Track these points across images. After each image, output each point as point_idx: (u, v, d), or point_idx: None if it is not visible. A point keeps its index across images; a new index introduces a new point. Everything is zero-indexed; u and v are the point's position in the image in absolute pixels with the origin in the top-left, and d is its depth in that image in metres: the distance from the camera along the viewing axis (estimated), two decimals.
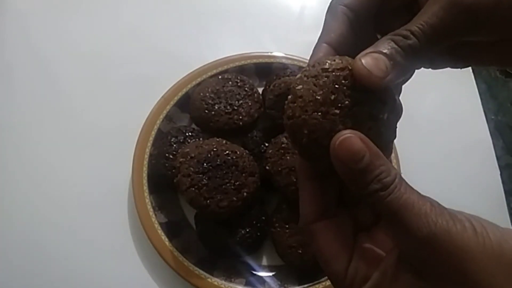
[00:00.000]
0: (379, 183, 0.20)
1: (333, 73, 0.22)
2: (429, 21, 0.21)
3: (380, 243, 0.24)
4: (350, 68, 0.22)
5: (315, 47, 0.25)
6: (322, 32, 0.25)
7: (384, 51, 0.21)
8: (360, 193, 0.21)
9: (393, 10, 0.25)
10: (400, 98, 0.27)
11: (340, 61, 0.22)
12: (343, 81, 0.22)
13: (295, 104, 0.22)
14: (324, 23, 0.25)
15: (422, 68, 0.26)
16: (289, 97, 0.22)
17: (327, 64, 0.22)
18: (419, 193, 0.21)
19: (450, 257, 0.19)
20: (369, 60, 0.21)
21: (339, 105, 0.21)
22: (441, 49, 0.23)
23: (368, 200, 0.21)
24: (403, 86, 0.28)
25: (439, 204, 0.20)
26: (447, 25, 0.21)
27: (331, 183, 0.24)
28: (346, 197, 0.25)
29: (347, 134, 0.20)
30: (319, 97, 0.21)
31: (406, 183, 0.21)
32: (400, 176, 0.21)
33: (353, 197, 0.25)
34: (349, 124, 0.21)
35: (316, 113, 0.21)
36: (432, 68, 0.26)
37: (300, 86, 0.22)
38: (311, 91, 0.22)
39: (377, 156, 0.21)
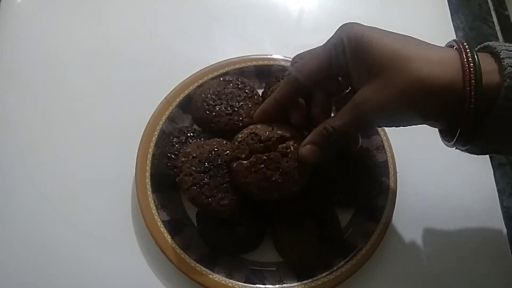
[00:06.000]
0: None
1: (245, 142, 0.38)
2: (345, 122, 0.34)
3: None
4: (252, 131, 0.38)
5: (267, 100, 0.39)
6: (276, 91, 0.38)
7: (316, 142, 0.36)
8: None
9: (333, 77, 0.37)
10: None
11: (242, 134, 0.39)
12: (251, 141, 0.37)
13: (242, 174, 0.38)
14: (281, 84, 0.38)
15: None
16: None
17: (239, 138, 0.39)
18: None
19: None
20: (306, 151, 0.36)
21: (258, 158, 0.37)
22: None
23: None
24: None
25: None
26: (355, 125, 0.34)
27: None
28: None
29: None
30: (245, 163, 0.38)
31: None
32: None
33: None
34: (272, 166, 0.37)
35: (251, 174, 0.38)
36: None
37: (235, 165, 0.38)
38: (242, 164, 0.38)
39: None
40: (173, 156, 0.44)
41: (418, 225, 0.46)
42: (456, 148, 0.34)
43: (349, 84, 0.37)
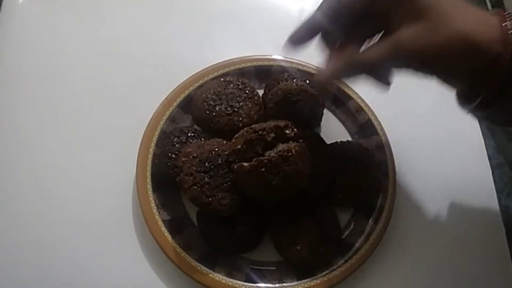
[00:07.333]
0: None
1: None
2: (381, 53, 0.34)
3: None
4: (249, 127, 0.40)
5: (304, 20, 0.39)
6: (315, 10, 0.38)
7: (344, 61, 0.36)
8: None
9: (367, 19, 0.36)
10: (397, 98, 0.33)
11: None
12: (246, 133, 0.39)
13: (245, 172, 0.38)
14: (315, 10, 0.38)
15: None
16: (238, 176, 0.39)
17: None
18: None
19: None
20: (329, 69, 0.37)
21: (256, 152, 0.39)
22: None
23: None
24: (402, 86, 0.40)
25: None
26: (389, 59, 0.34)
27: None
28: None
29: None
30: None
31: None
32: None
33: None
34: (273, 170, 0.37)
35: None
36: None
37: (236, 167, 0.39)
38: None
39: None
40: (173, 156, 0.45)
41: (417, 224, 0.47)
42: (472, 114, 0.35)
43: (384, 25, 0.36)
